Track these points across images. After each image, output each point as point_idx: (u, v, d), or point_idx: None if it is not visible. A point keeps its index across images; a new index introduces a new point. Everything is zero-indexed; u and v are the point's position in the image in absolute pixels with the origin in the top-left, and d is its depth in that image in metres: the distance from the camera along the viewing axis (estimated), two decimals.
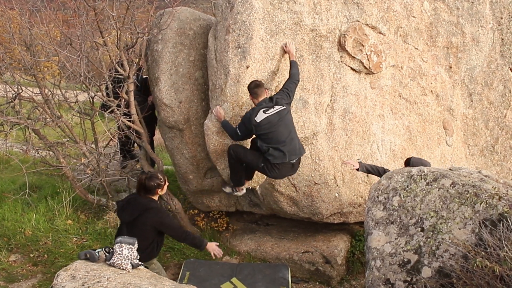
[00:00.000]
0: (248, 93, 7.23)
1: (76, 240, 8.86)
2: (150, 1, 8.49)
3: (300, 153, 7.27)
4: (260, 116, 6.98)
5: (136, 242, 5.97)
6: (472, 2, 9.04)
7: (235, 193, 7.92)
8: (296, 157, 7.24)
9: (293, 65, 7.44)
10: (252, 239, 9.01)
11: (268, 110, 7.02)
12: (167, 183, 6.57)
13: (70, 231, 9.02)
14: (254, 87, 7.12)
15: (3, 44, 8.98)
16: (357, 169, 7.64)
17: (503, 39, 9.33)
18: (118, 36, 8.15)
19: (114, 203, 9.28)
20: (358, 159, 7.86)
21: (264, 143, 7.14)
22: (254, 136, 7.29)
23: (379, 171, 7.50)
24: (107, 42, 8.42)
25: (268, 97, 7.20)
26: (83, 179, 9.31)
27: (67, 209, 9.45)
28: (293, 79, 7.35)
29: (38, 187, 10.50)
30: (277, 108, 7.06)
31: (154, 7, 8.61)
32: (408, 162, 7.31)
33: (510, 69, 9.43)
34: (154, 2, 8.40)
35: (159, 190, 6.43)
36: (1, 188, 10.39)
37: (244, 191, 7.91)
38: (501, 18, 9.27)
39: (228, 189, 8.01)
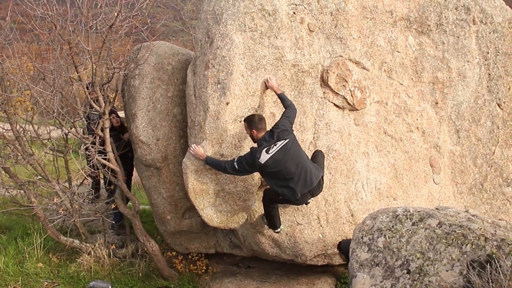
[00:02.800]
0: (248, 126, 7.23)
1: (47, 284, 8.76)
2: (127, 35, 8.53)
3: (312, 184, 7.26)
4: (264, 157, 6.98)
5: (110, 287, 5.94)
6: (458, 37, 9.20)
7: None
8: (307, 189, 7.25)
9: (284, 97, 7.53)
10: (233, 282, 8.95)
11: (270, 149, 7.03)
12: None
13: (41, 275, 8.91)
14: (259, 122, 7.15)
15: None
16: None
17: (490, 74, 9.48)
18: (94, 71, 8.19)
19: (87, 245, 9.21)
20: None
21: (273, 182, 7.24)
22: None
23: None
24: (82, 77, 8.46)
25: (268, 130, 7.22)
26: (56, 220, 9.22)
27: (38, 251, 9.34)
28: (291, 108, 7.44)
29: (7, 228, 10.41)
30: (280, 144, 7.07)
31: (132, 41, 8.66)
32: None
33: (498, 104, 9.56)
34: (131, 36, 8.46)
35: None
36: None
37: (281, 228, 7.99)
38: (488, 53, 9.43)
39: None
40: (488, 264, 4.95)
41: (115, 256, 9.36)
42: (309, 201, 7.89)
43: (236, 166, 7.07)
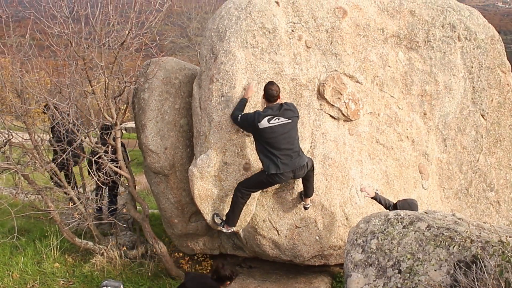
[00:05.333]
0: (263, 94, 7.33)
1: (63, 283, 8.75)
2: (137, 51, 8.57)
3: (294, 165, 7.25)
4: (264, 124, 7.05)
5: (122, 286, 5.94)
6: (444, 52, 9.22)
7: (221, 228, 7.83)
8: (290, 169, 7.24)
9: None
10: (236, 282, 8.89)
11: (272, 119, 7.08)
12: (232, 281, 6.81)
13: (57, 274, 8.92)
14: (272, 94, 7.20)
15: None
16: (372, 197, 7.80)
17: (474, 87, 9.50)
18: (106, 84, 8.21)
19: (100, 246, 9.21)
20: (376, 189, 7.96)
21: (261, 148, 7.25)
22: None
23: (386, 205, 7.63)
24: (95, 91, 8.48)
25: (278, 103, 7.26)
26: (71, 223, 9.23)
27: (55, 252, 9.35)
28: None
29: (26, 231, 10.40)
30: (282, 120, 7.12)
31: (141, 57, 8.69)
32: (396, 207, 7.39)
33: (482, 115, 9.58)
34: (141, 52, 8.49)
35: (228, 282, 6.66)
36: None
37: (230, 231, 7.88)
38: (472, 67, 9.45)
39: (217, 219, 7.86)
40: (474, 264, 4.96)
41: (126, 257, 9.36)
42: (307, 206, 7.90)
43: (239, 120, 7.26)
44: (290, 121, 7.19)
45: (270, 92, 7.20)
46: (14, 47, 8.47)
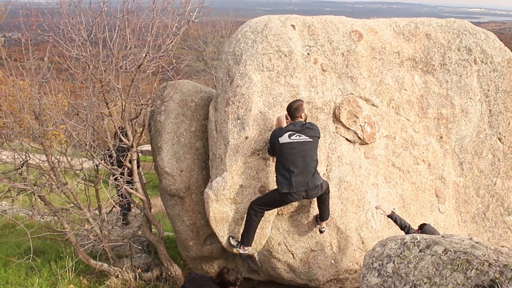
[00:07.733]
0: (287, 112, 7.38)
1: None
2: (154, 74, 8.64)
3: (308, 185, 7.24)
4: (284, 139, 7.10)
5: None
6: (460, 76, 9.21)
7: (238, 249, 7.81)
8: (303, 188, 7.23)
9: None
10: None
11: (293, 135, 7.12)
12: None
13: None
14: (294, 111, 7.27)
15: (13, 113, 9.09)
16: (388, 215, 7.69)
17: (490, 110, 9.46)
18: (123, 107, 8.28)
19: (115, 268, 9.22)
20: (393, 209, 7.89)
21: (279, 165, 7.27)
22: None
23: (402, 225, 7.51)
24: (112, 113, 8.55)
25: (302, 120, 7.31)
26: (86, 245, 9.27)
27: (70, 273, 9.37)
28: None
29: (42, 252, 10.45)
30: (303, 138, 7.16)
31: (158, 80, 8.76)
32: (421, 227, 7.34)
33: (499, 138, 9.52)
34: (158, 75, 8.56)
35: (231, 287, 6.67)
36: (6, 252, 10.35)
37: (247, 252, 7.86)
38: (488, 91, 9.42)
39: (233, 241, 7.84)
40: None
41: (141, 279, 9.36)
42: (323, 230, 7.87)
43: (269, 147, 7.40)
44: (311, 140, 7.22)
45: (294, 106, 7.25)
46: (33, 70, 8.58)
